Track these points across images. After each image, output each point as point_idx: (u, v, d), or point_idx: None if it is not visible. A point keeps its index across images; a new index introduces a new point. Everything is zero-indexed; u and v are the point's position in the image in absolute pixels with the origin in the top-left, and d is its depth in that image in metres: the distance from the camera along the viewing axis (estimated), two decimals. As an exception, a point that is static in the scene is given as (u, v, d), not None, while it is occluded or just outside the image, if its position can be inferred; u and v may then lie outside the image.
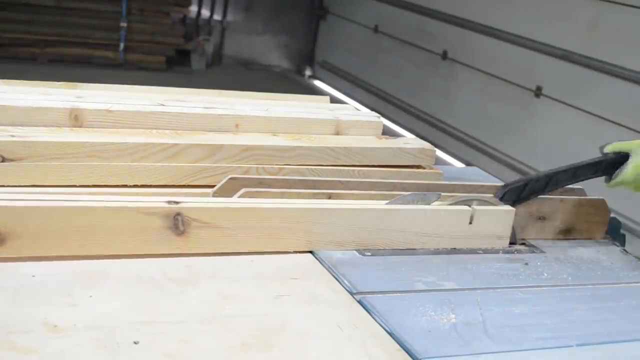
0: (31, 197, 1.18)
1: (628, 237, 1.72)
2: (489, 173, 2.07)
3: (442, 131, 5.60)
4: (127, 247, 1.19)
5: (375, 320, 1.13)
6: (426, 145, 1.72)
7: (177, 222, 1.21)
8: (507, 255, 1.47)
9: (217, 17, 7.55)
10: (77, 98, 1.51)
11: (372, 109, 2.01)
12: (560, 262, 1.49)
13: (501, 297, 1.28)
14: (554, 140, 4.60)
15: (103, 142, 1.39)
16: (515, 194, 1.52)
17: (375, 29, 6.58)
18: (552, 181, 1.56)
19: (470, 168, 2.63)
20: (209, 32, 7.46)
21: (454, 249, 1.43)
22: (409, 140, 1.75)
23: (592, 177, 1.58)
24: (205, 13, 7.57)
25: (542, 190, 1.56)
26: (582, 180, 1.59)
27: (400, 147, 1.67)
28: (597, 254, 1.57)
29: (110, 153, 1.39)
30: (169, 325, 1.03)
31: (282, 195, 1.38)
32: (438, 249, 1.42)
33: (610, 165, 1.56)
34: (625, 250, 1.63)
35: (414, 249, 1.41)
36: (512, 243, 1.50)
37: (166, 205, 1.21)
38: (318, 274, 1.27)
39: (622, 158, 1.54)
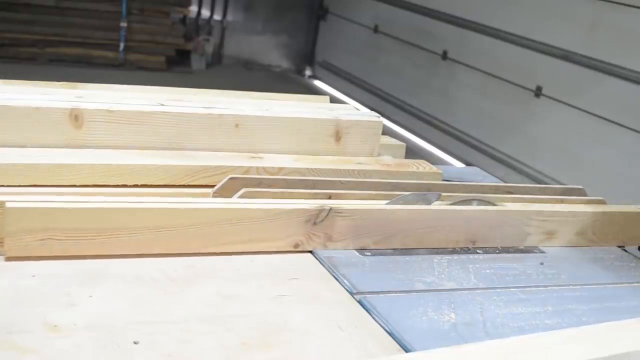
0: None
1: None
2: (489, 173, 2.07)
3: (442, 131, 5.59)
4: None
5: (375, 320, 1.14)
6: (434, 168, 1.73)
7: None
8: (507, 256, 1.48)
9: (217, 17, 7.54)
10: (77, 98, 1.51)
11: (372, 109, 2.01)
12: (560, 262, 1.49)
13: (501, 297, 1.28)
14: (554, 140, 4.60)
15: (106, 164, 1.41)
16: None
17: (375, 29, 6.58)
18: None
19: (470, 168, 2.62)
20: (209, 32, 7.46)
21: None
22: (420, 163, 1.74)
23: None
24: (205, 13, 7.57)
25: None
26: None
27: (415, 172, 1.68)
28: (597, 254, 1.57)
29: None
30: (169, 325, 1.03)
31: (282, 196, 1.38)
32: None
33: None
34: (625, 250, 1.63)
35: (414, 249, 1.42)
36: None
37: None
38: (318, 274, 1.27)
39: None
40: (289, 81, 7.43)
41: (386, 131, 1.84)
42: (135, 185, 1.42)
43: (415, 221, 1.41)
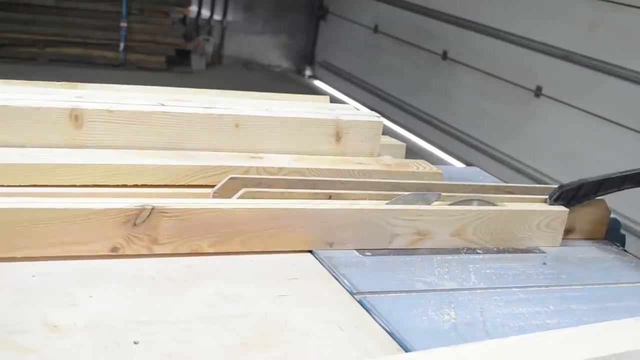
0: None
1: (628, 237, 1.72)
2: (489, 173, 2.07)
3: (442, 131, 5.60)
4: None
5: (375, 320, 1.14)
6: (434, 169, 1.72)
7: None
8: (507, 256, 1.48)
9: (217, 17, 7.55)
10: (77, 98, 1.51)
11: (372, 109, 2.01)
12: (560, 262, 1.49)
13: (501, 297, 1.28)
14: (554, 140, 4.60)
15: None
16: (570, 195, 1.57)
17: (375, 29, 6.58)
18: (604, 186, 1.60)
19: (470, 168, 2.63)
20: (209, 32, 7.46)
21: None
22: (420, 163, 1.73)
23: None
24: (205, 13, 7.57)
25: (595, 194, 1.60)
26: (630, 188, 1.63)
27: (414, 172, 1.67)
28: (597, 254, 1.57)
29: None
30: (169, 325, 1.03)
31: (282, 196, 1.38)
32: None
33: None
34: (625, 250, 1.63)
35: (414, 249, 1.41)
36: None
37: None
38: (318, 274, 1.27)
39: None
40: (289, 81, 7.43)
41: (386, 131, 1.84)
42: (135, 185, 1.42)
43: (258, 221, 1.28)
